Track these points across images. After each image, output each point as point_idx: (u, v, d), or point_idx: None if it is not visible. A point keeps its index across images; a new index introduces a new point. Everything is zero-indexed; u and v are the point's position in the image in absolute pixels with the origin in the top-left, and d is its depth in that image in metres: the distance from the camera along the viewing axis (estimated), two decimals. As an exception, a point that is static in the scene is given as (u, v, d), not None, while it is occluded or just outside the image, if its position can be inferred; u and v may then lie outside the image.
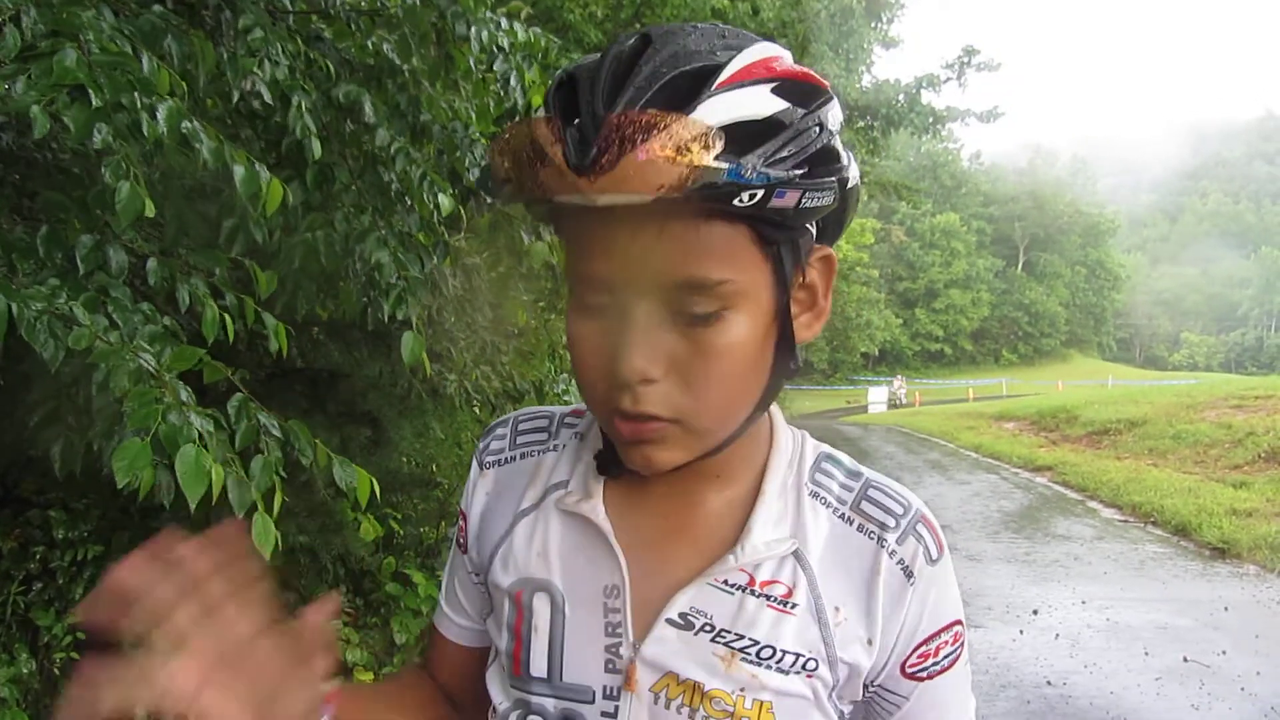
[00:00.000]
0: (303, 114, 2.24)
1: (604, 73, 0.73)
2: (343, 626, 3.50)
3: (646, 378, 0.77)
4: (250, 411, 1.89)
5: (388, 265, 2.45)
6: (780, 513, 0.92)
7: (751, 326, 0.80)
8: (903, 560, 0.90)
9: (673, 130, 0.69)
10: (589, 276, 0.79)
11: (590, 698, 0.91)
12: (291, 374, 3.40)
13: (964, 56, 17.48)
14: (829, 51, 17.39)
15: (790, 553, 0.90)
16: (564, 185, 0.71)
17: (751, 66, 0.74)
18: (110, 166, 1.71)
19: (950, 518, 10.57)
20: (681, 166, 0.69)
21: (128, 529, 3.26)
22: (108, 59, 1.69)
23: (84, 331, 1.67)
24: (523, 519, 0.97)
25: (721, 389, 0.81)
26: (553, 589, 0.93)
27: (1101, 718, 4.94)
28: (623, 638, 0.90)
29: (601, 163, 0.69)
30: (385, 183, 2.73)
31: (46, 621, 3.02)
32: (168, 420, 1.65)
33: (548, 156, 0.71)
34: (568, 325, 0.83)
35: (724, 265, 0.76)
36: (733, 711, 0.87)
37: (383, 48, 2.82)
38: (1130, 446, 15.51)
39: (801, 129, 0.75)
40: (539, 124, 0.73)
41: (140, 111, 1.72)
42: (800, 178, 0.74)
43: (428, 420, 3.77)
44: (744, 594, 0.88)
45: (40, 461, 2.84)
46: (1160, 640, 6.20)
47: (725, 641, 0.88)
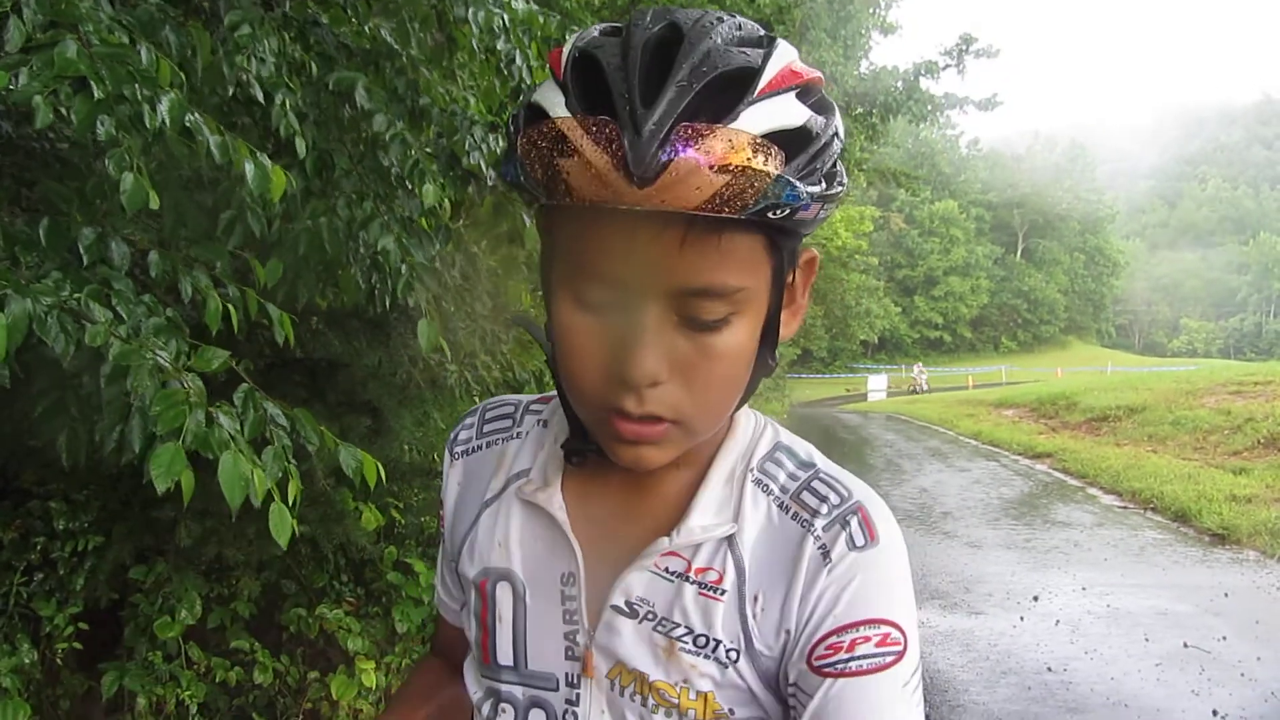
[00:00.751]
0: (286, 112, 2.23)
1: (636, 65, 0.70)
2: (344, 615, 3.50)
3: (656, 381, 0.76)
4: (257, 401, 1.89)
5: (393, 251, 2.44)
6: (724, 499, 0.90)
7: (752, 330, 0.79)
8: (824, 545, 0.86)
9: (730, 139, 0.68)
10: (598, 275, 0.75)
11: (555, 685, 0.93)
12: (291, 364, 3.39)
13: (962, 44, 17.38)
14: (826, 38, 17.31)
15: (724, 538, 0.88)
16: (602, 189, 0.68)
17: (783, 73, 0.73)
18: (114, 158, 1.69)
19: (950, 505, 10.59)
20: (739, 182, 0.67)
21: (128, 520, 3.25)
22: (108, 50, 1.67)
23: (99, 329, 1.67)
24: (487, 509, 0.98)
25: (721, 391, 0.80)
26: (514, 578, 0.94)
27: (1102, 704, 4.96)
28: (579, 625, 0.91)
29: (658, 171, 0.66)
30: (385, 168, 2.72)
31: (48, 612, 3.02)
32: (196, 420, 1.66)
33: (585, 156, 0.68)
34: (558, 317, 0.80)
35: (742, 274, 0.75)
36: (677, 703, 0.87)
37: (380, 33, 2.80)
38: (1130, 433, 15.53)
39: (826, 140, 0.75)
40: (568, 126, 0.70)
41: (142, 103, 1.71)
42: (824, 190, 0.73)
43: (428, 409, 3.77)
44: (682, 581, 0.87)
45: (41, 452, 2.83)
46: (1160, 626, 6.22)
47: (665, 631, 0.87)
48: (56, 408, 1.94)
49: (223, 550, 3.27)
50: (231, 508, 1.67)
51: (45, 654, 3.01)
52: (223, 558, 3.32)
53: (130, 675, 3.08)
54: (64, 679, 3.13)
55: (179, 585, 3.20)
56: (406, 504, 4.08)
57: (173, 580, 3.21)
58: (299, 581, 3.71)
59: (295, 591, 3.69)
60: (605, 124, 0.68)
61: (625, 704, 0.89)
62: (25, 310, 1.58)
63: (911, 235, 69.66)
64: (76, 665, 3.15)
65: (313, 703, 3.46)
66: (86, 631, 3.09)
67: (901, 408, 27.08)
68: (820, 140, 0.74)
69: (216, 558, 3.32)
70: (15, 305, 1.56)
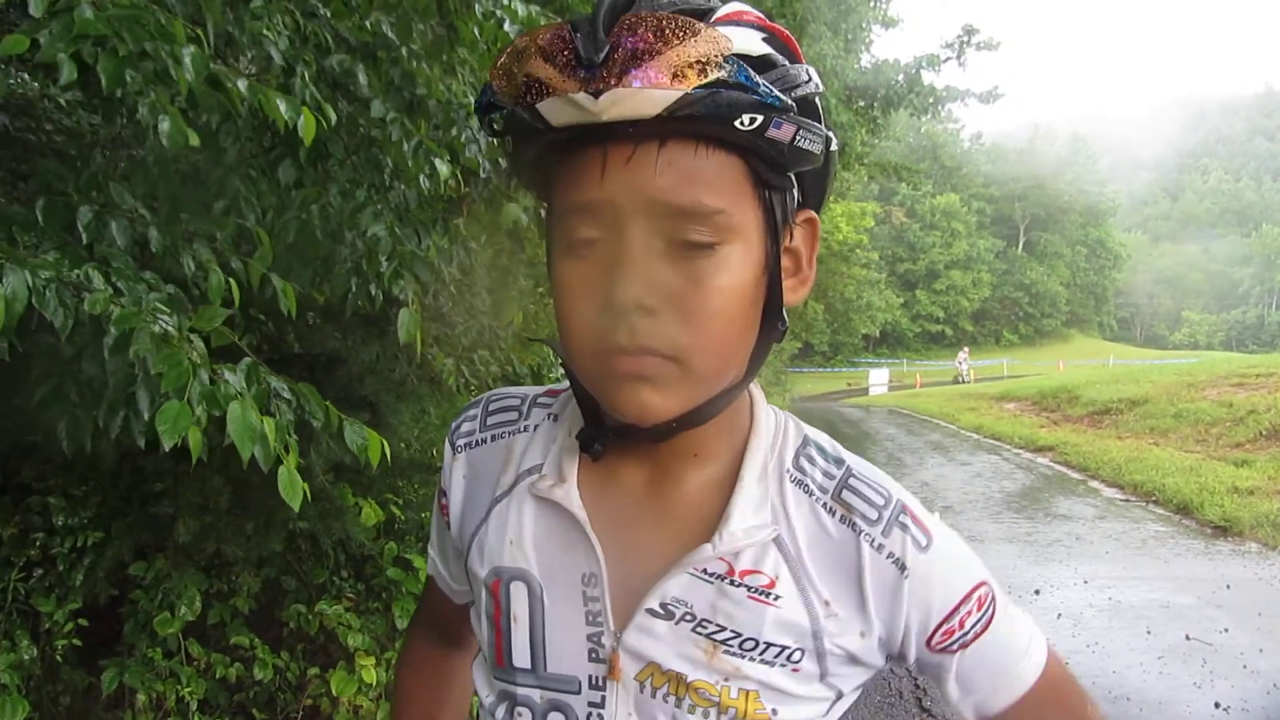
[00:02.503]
0: (308, 83, 2.23)
1: (600, 12, 0.73)
2: (344, 612, 3.50)
3: (642, 304, 0.75)
4: (260, 375, 1.88)
5: (385, 239, 2.43)
6: (760, 498, 0.89)
7: (744, 267, 0.79)
8: (892, 554, 0.88)
9: (694, 43, 0.71)
10: (582, 205, 0.77)
11: (576, 688, 0.90)
12: (289, 358, 3.38)
13: (963, 35, 17.36)
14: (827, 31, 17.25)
15: (771, 540, 0.87)
16: (558, 94, 0.71)
17: (741, 12, 0.77)
18: (148, 105, 1.72)
19: (952, 498, 10.59)
20: (703, 81, 0.70)
21: (128, 515, 3.25)
22: (124, 12, 1.69)
23: (99, 296, 1.66)
24: (496, 505, 0.95)
25: (718, 325, 0.78)
26: (529, 578, 0.91)
27: (1104, 697, 4.95)
28: (604, 627, 0.88)
29: (609, 56, 0.70)
30: (380, 161, 2.71)
31: (48, 608, 3.02)
32: (199, 379, 1.65)
33: (551, 84, 0.72)
34: (554, 273, 0.81)
35: (721, 195, 0.76)
36: (718, 701, 0.86)
37: (381, 27, 2.79)
38: (1131, 426, 15.52)
39: (793, 71, 0.77)
40: (533, 42, 0.74)
41: (166, 59, 1.73)
42: (796, 114, 0.75)
43: (425, 405, 3.76)
44: (723, 583, 0.86)
45: (40, 447, 2.83)
46: (1162, 619, 6.21)
47: (707, 633, 0.86)
48: (55, 394, 1.93)
49: (222, 546, 3.26)
50: (243, 457, 1.66)
51: (45, 650, 3.01)
52: (222, 554, 3.32)
53: (130, 671, 3.07)
54: (64, 675, 3.13)
55: (178, 581, 3.19)
56: (406, 500, 4.08)
57: (172, 576, 3.21)
58: (299, 577, 3.71)
59: (295, 587, 3.68)
60: (562, 27, 0.73)
61: (657, 706, 0.87)
62: (24, 283, 1.57)
63: (913, 229, 69.56)
64: (76, 661, 3.15)
65: (313, 699, 3.45)
66: (86, 628, 3.08)
67: (903, 401, 27.06)
68: (784, 68, 0.77)
69: (216, 554, 3.31)
70: (13, 278, 1.55)
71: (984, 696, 0.95)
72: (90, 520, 3.13)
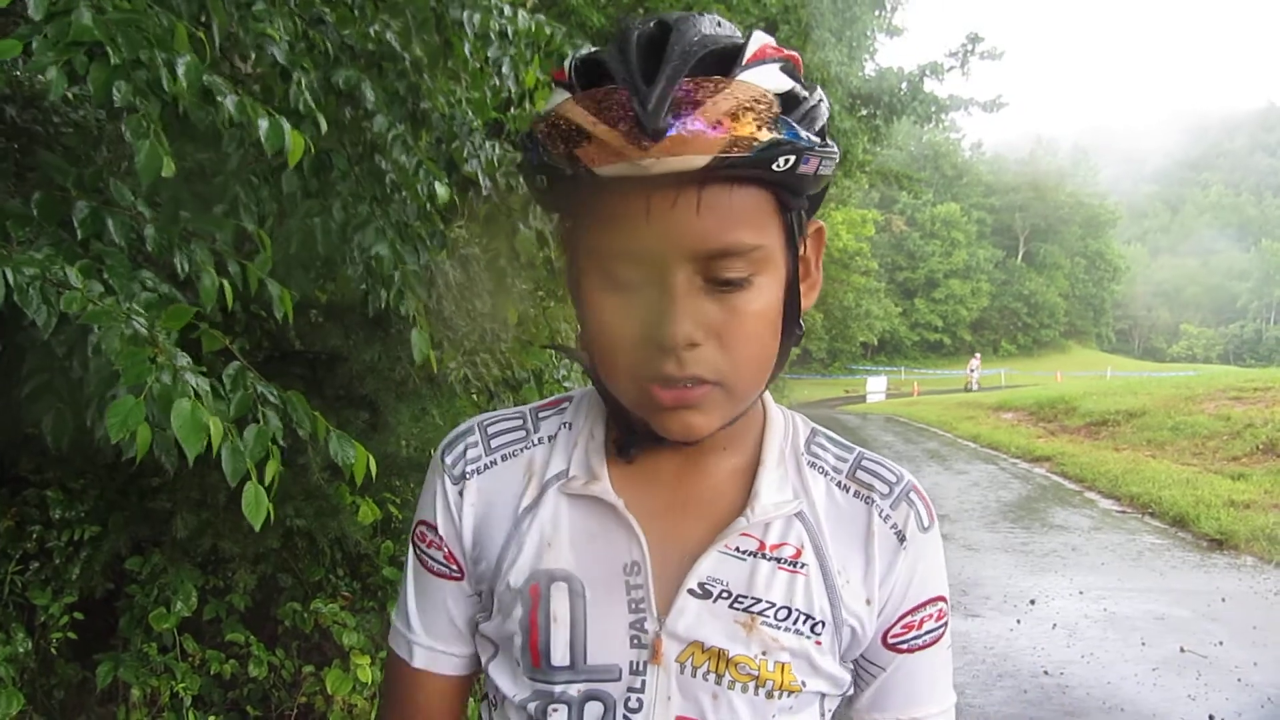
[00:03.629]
0: (303, 90, 2.22)
1: (634, 53, 0.77)
2: (340, 610, 3.49)
3: (692, 342, 0.80)
4: (247, 380, 1.87)
5: (387, 259, 2.43)
6: (782, 478, 0.96)
7: (775, 291, 0.84)
8: (896, 524, 0.96)
9: (731, 93, 0.74)
10: (623, 250, 0.81)
11: (616, 675, 0.93)
12: (289, 356, 3.38)
13: (967, 44, 17.36)
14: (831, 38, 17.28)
15: (795, 514, 0.95)
16: (617, 156, 0.74)
17: (764, 47, 0.80)
18: (131, 124, 1.69)
19: (948, 507, 10.58)
20: (743, 130, 0.74)
21: (125, 509, 3.25)
22: (123, 16, 1.68)
23: (75, 295, 1.65)
24: (527, 516, 0.96)
25: (756, 350, 0.85)
26: (570, 577, 0.93)
27: (1098, 708, 4.95)
28: (646, 613, 0.92)
29: (665, 127, 0.72)
30: (382, 172, 2.71)
31: (43, 601, 3.01)
32: (161, 380, 1.62)
33: (595, 134, 0.75)
34: (590, 302, 0.85)
35: (757, 232, 0.81)
36: (757, 675, 0.91)
37: (385, 35, 2.79)
38: (1129, 438, 15.51)
39: (814, 103, 0.81)
40: (580, 100, 0.77)
41: (160, 68, 1.71)
42: (820, 145, 0.80)
43: (425, 405, 3.76)
44: (756, 559, 0.92)
45: (37, 440, 2.82)
46: (1157, 631, 6.22)
47: (744, 607, 0.91)
48: (44, 389, 1.92)
49: (218, 542, 3.26)
50: (188, 455, 1.62)
51: (40, 643, 3.01)
52: (218, 550, 3.31)
53: (125, 666, 3.07)
54: (58, 669, 3.12)
55: (174, 577, 3.19)
56: (403, 499, 4.08)
57: (168, 572, 3.20)
58: (295, 575, 3.71)
59: (291, 585, 3.68)
60: (613, 91, 0.76)
61: (698, 685, 0.91)
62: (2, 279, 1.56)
63: (913, 237, 69.55)
64: (71, 655, 3.14)
65: (307, 697, 3.45)
66: (81, 621, 3.08)
67: (900, 409, 27.05)
68: (809, 102, 0.81)
69: (212, 550, 3.31)
70: None
71: None
72: (87, 514, 3.13)
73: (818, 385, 44.64)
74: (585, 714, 0.93)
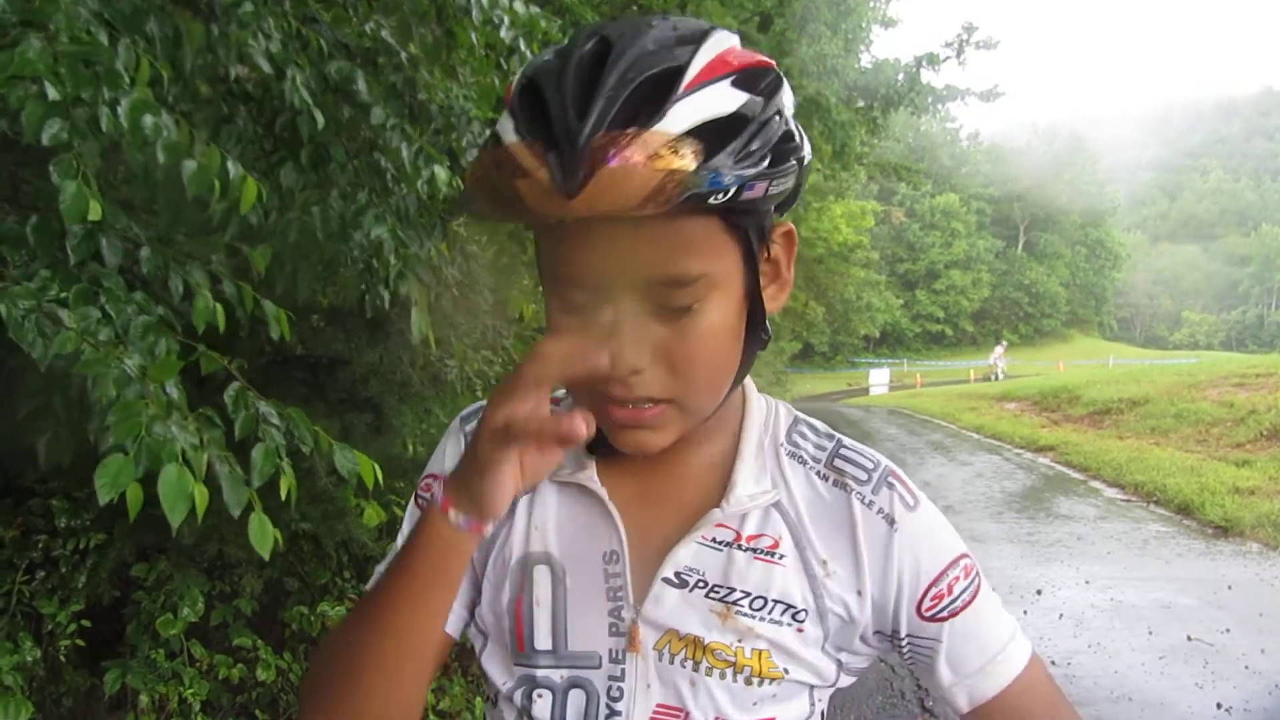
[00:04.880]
0: (298, 87, 2.22)
1: (569, 82, 0.76)
2: (346, 613, 3.49)
3: (635, 369, 0.82)
4: (248, 400, 1.86)
5: (387, 241, 2.43)
6: (760, 469, 0.97)
7: (726, 310, 0.84)
8: (881, 509, 0.96)
9: (648, 143, 0.72)
10: (573, 279, 0.82)
11: (597, 662, 0.94)
12: (291, 361, 3.38)
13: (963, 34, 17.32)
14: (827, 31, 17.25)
15: (772, 504, 0.96)
16: (548, 203, 0.74)
17: (712, 64, 0.77)
18: (59, 165, 1.65)
19: (953, 499, 10.58)
20: (661, 177, 0.72)
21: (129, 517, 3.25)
22: (75, 49, 1.64)
23: (69, 335, 1.63)
24: (524, 497, 0.99)
25: (706, 370, 0.86)
26: (552, 561, 0.96)
27: (1106, 697, 4.95)
28: (624, 601, 0.94)
29: (583, 183, 0.71)
30: (381, 167, 2.71)
31: (50, 610, 3.02)
32: (152, 433, 1.61)
33: (529, 178, 0.74)
34: (550, 319, 0.87)
35: (699, 259, 0.81)
36: (734, 661, 0.92)
37: (380, 33, 2.78)
38: (1132, 426, 15.50)
39: (764, 120, 0.79)
40: (513, 150, 0.76)
41: (101, 105, 1.67)
42: (767, 168, 0.78)
43: (429, 405, 3.76)
44: (731, 549, 0.94)
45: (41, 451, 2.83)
46: (1164, 619, 6.21)
47: (720, 596, 0.93)
48: (43, 409, 1.92)
49: (224, 548, 3.26)
50: (171, 523, 1.62)
51: (48, 651, 3.01)
52: (224, 555, 3.32)
53: (133, 673, 3.07)
54: (66, 676, 3.13)
55: (181, 583, 3.19)
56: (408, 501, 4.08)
57: (175, 578, 3.21)
58: (301, 579, 3.71)
59: (297, 589, 3.68)
60: (537, 145, 0.75)
61: (676, 672, 0.93)
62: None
63: (913, 229, 69.50)
64: (79, 663, 3.15)
65: (316, 700, 3.45)
66: (89, 629, 3.08)
67: (903, 401, 27.05)
68: (756, 122, 0.78)
69: (218, 555, 3.32)
70: None
71: (976, 680, 0.97)
72: (92, 522, 3.13)
73: (820, 379, 44.65)
74: (569, 701, 0.95)
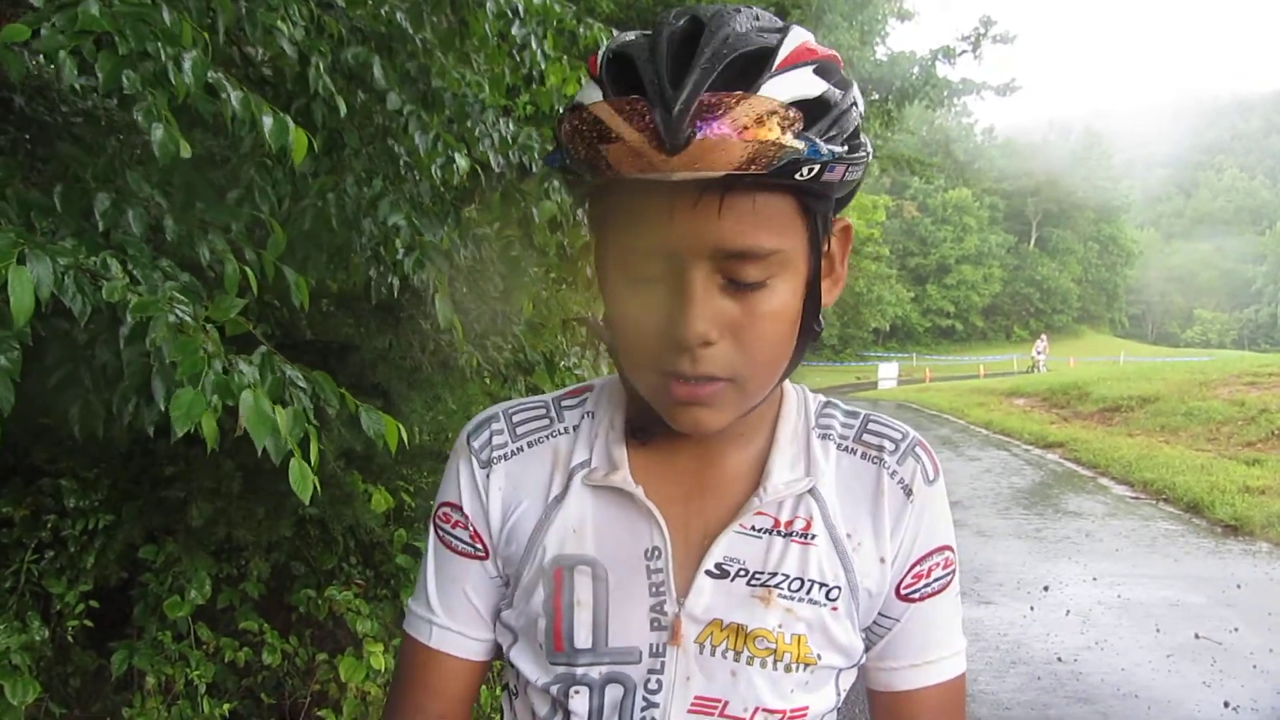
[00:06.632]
0: (322, 73, 2.23)
1: (663, 53, 0.78)
2: (353, 598, 3.50)
3: (707, 340, 0.82)
4: (275, 364, 1.88)
5: (405, 228, 2.43)
6: (794, 456, 0.99)
7: (793, 292, 0.86)
8: (903, 479, 0.99)
9: (752, 106, 0.74)
10: (645, 247, 0.82)
11: (637, 658, 0.95)
12: (301, 345, 3.38)
13: (980, 28, 17.25)
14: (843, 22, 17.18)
15: (806, 490, 0.97)
16: (641, 163, 0.75)
17: (797, 50, 0.80)
18: (143, 110, 1.71)
19: (961, 494, 10.57)
20: (763, 142, 0.74)
21: (139, 498, 3.26)
22: (129, 9, 1.69)
23: (116, 284, 1.66)
24: (556, 505, 0.98)
25: (770, 350, 0.86)
26: (593, 562, 0.96)
27: (1112, 694, 4.94)
28: (666, 595, 0.94)
29: (687, 141, 0.73)
30: (395, 154, 2.70)
31: (59, 590, 3.03)
32: (214, 368, 1.65)
33: (622, 136, 0.76)
34: (612, 294, 0.87)
35: (777, 235, 0.82)
36: (775, 648, 0.94)
37: (395, 16, 2.78)
38: (1142, 423, 15.46)
39: (845, 108, 0.82)
40: (610, 105, 0.78)
41: (166, 60, 1.73)
42: (847, 153, 0.80)
43: (438, 391, 3.76)
44: (771, 536, 0.95)
45: (51, 430, 2.84)
46: (1172, 617, 6.19)
47: (761, 582, 0.94)
48: (70, 379, 1.94)
49: (232, 531, 3.27)
50: (257, 446, 1.66)
51: (55, 631, 3.02)
52: (232, 538, 3.32)
53: (140, 654, 3.08)
54: (74, 656, 3.14)
55: (189, 565, 3.20)
56: (416, 487, 4.08)
57: (182, 560, 3.21)
58: (308, 563, 3.71)
59: (304, 573, 3.69)
60: (637, 102, 0.76)
61: (716, 664, 0.94)
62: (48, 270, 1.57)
63: (924, 223, 69.28)
64: (86, 643, 3.16)
65: (321, 684, 3.46)
66: (96, 610, 3.09)
67: (911, 396, 27.02)
68: (839, 108, 0.81)
69: (226, 538, 3.32)
70: (39, 266, 1.55)
71: (903, 670, 1.02)
72: (101, 503, 3.14)
73: (829, 372, 44.59)
74: (606, 695, 0.96)
